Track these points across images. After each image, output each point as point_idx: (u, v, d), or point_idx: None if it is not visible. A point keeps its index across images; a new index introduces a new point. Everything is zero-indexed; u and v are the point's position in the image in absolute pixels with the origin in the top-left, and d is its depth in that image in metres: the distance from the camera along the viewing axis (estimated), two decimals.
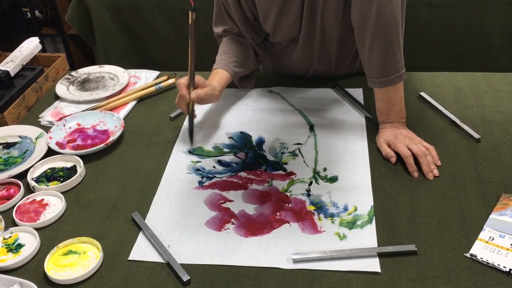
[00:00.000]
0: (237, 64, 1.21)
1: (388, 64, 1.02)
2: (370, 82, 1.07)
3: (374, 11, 0.98)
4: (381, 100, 1.07)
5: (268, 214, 0.92)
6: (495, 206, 0.89)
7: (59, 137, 1.14)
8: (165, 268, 0.83)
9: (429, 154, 1.01)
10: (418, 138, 1.04)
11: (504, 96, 1.20)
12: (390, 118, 1.07)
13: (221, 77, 1.17)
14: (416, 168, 0.98)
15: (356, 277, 0.79)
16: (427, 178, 0.97)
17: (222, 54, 1.22)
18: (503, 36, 1.99)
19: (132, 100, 1.27)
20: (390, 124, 1.07)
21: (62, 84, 1.35)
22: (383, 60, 1.02)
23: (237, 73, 1.21)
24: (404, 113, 1.08)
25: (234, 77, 1.20)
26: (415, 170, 0.98)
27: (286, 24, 1.18)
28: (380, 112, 1.09)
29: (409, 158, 0.99)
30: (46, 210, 0.95)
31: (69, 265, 0.83)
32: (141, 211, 0.94)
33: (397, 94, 1.05)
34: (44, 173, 1.05)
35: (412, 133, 1.05)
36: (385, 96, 1.06)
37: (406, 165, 0.99)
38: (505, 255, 0.80)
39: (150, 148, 1.11)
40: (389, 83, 1.04)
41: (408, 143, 1.02)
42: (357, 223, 0.88)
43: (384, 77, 1.03)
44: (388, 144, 1.04)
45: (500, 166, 0.99)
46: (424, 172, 0.98)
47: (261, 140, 1.11)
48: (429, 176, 0.97)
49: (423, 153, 0.99)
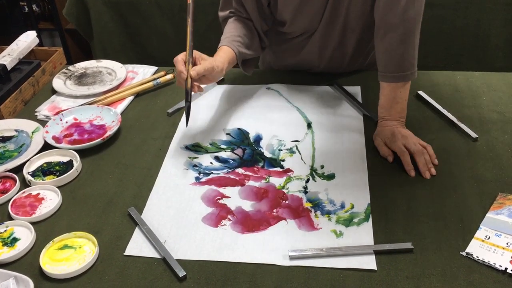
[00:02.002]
0: (242, 44, 1.16)
1: (407, 59, 1.03)
2: (383, 77, 1.07)
3: (403, 4, 0.99)
4: (387, 95, 1.07)
5: (265, 210, 0.92)
6: (491, 205, 0.89)
7: (56, 131, 1.14)
8: (161, 264, 0.82)
9: (426, 153, 1.01)
10: (415, 138, 1.04)
11: (501, 96, 1.21)
12: (391, 115, 1.07)
13: (225, 53, 1.11)
14: (412, 167, 0.99)
15: (352, 274, 0.79)
16: (424, 177, 0.97)
17: (227, 33, 1.17)
18: (501, 36, 1.99)
19: (129, 95, 1.27)
20: (389, 121, 1.07)
21: (59, 78, 1.34)
22: (402, 55, 1.03)
23: (241, 53, 1.15)
24: (405, 114, 1.08)
25: (238, 57, 1.14)
26: (411, 169, 0.98)
27: (307, 13, 1.15)
28: (382, 107, 1.09)
29: (406, 157, 0.99)
30: (42, 204, 0.95)
31: (65, 260, 0.83)
32: (138, 207, 0.93)
33: (404, 92, 1.06)
34: (40, 167, 1.04)
35: (410, 133, 1.05)
36: (392, 92, 1.06)
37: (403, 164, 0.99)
38: (501, 254, 0.80)
39: (147, 144, 1.11)
40: (403, 79, 1.04)
41: (405, 142, 1.02)
42: (353, 221, 0.88)
43: (400, 72, 1.04)
44: (385, 143, 1.04)
45: (497, 165, 0.99)
46: (420, 171, 0.98)
47: (259, 137, 1.11)
48: (425, 175, 0.97)
49: (420, 152, 1.00)
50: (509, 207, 0.88)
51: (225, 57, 1.09)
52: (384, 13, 1.02)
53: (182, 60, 1.01)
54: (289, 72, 1.34)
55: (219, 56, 1.09)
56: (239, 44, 1.15)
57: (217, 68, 1.04)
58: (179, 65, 1.00)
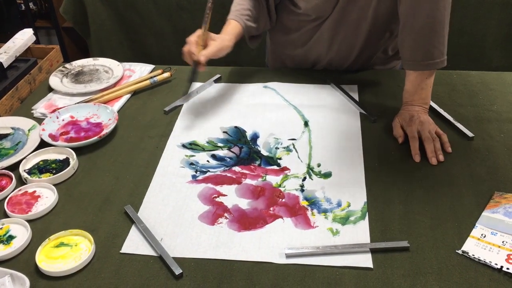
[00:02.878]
0: (250, 18, 1.20)
1: (437, 47, 1.05)
2: (411, 65, 1.08)
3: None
4: (412, 81, 1.09)
5: (262, 209, 0.92)
6: (487, 204, 0.90)
7: (52, 129, 1.14)
8: (157, 262, 0.82)
9: (438, 141, 1.02)
10: (433, 125, 1.06)
11: (497, 95, 1.21)
12: (414, 100, 1.09)
13: (233, 28, 1.17)
14: (419, 152, 1.01)
15: (348, 272, 0.79)
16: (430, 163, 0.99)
17: (237, 5, 1.22)
18: (497, 36, 2.00)
19: (126, 93, 1.27)
20: (412, 107, 1.09)
21: (55, 76, 1.34)
22: (432, 43, 1.04)
23: (248, 27, 1.20)
24: (429, 100, 1.10)
25: (245, 31, 1.20)
26: (417, 154, 1.01)
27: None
28: (406, 92, 1.11)
29: (414, 142, 1.02)
30: (38, 202, 0.94)
31: (61, 257, 0.82)
32: (134, 204, 0.93)
33: (430, 79, 1.08)
34: (36, 165, 1.04)
35: (429, 120, 1.07)
36: (418, 79, 1.08)
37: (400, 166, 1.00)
38: (497, 252, 0.80)
39: (143, 142, 1.10)
40: (433, 67, 1.06)
41: (420, 128, 1.04)
42: (350, 219, 0.89)
43: (430, 60, 1.05)
44: (401, 125, 1.07)
45: (493, 164, 0.99)
46: (427, 156, 1.00)
47: (256, 135, 1.11)
48: (431, 160, 0.99)
49: (429, 139, 1.01)
50: (504, 205, 0.88)
51: (232, 34, 1.16)
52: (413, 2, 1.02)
53: (195, 41, 1.09)
54: (286, 70, 1.34)
55: (227, 33, 1.16)
56: (248, 18, 1.19)
57: (226, 48, 1.13)
58: (192, 46, 1.08)
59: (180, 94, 1.26)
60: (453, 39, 2.01)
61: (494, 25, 1.97)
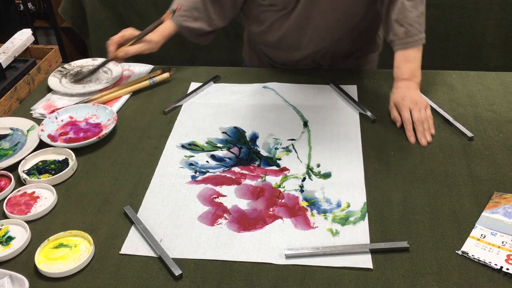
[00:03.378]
0: (189, 18, 1.25)
1: (414, 26, 1.13)
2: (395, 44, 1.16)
3: None
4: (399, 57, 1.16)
5: (261, 209, 0.91)
6: (487, 204, 0.90)
7: (51, 129, 1.13)
8: (157, 263, 0.82)
9: (427, 121, 1.09)
10: (424, 103, 1.11)
11: (496, 95, 1.21)
12: (403, 73, 1.14)
13: (165, 28, 1.25)
14: (413, 134, 1.08)
15: (348, 273, 0.79)
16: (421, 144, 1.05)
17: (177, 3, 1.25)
18: (496, 36, 2.00)
19: (125, 94, 1.27)
20: (403, 82, 1.14)
21: (54, 76, 1.34)
22: (409, 22, 1.13)
23: (186, 28, 1.26)
24: (419, 75, 1.16)
25: (184, 32, 1.27)
26: (412, 136, 1.07)
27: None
28: (395, 67, 1.17)
29: (408, 124, 1.08)
30: (37, 203, 0.94)
31: (60, 258, 0.82)
32: (134, 205, 0.93)
33: (415, 53, 1.15)
34: (35, 165, 1.04)
35: (421, 97, 1.13)
36: (405, 52, 1.15)
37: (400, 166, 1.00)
38: (497, 253, 0.80)
39: (143, 142, 1.10)
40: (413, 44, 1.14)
41: (412, 107, 1.09)
42: (350, 220, 0.88)
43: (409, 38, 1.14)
44: (396, 107, 1.12)
45: (492, 164, 0.99)
46: (418, 137, 1.07)
47: (255, 136, 1.11)
48: (422, 141, 1.06)
49: (420, 121, 1.08)
50: (504, 206, 0.88)
51: (162, 35, 1.25)
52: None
53: (116, 43, 1.22)
54: (285, 71, 1.34)
55: (158, 35, 1.24)
56: (185, 18, 1.25)
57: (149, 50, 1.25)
58: (112, 46, 1.22)
59: (179, 94, 1.26)
60: (452, 39, 2.03)
61: (493, 25, 1.97)
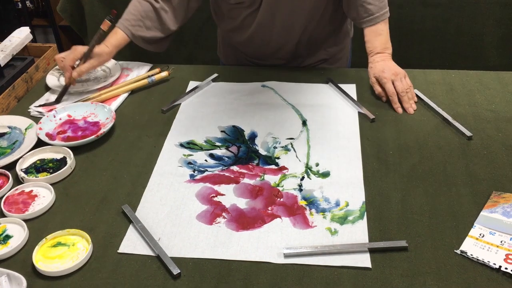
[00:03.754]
0: (141, 27, 1.25)
1: (373, 4, 1.20)
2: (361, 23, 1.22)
3: None
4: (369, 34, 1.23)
5: (260, 208, 0.91)
6: (485, 204, 0.90)
7: (49, 128, 1.13)
8: (155, 261, 0.82)
9: (410, 90, 1.16)
10: (403, 73, 1.19)
11: (495, 94, 1.21)
12: (376, 46, 1.22)
13: (117, 39, 1.24)
14: (399, 105, 1.15)
15: (347, 272, 0.79)
16: (408, 113, 1.14)
17: (128, 13, 1.25)
18: (495, 35, 2.00)
19: (124, 92, 1.26)
20: (377, 55, 1.21)
21: (53, 75, 1.33)
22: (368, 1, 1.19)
23: (139, 37, 1.26)
24: (390, 46, 1.23)
25: (138, 41, 1.26)
26: (398, 107, 1.15)
27: None
28: (367, 42, 1.24)
29: (394, 97, 1.16)
30: (35, 201, 0.94)
31: (58, 257, 0.82)
32: (132, 204, 0.93)
33: (383, 26, 1.22)
34: (33, 164, 1.03)
35: (397, 67, 1.20)
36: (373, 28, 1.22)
37: (398, 165, 1.00)
38: (495, 252, 0.80)
39: (141, 141, 1.10)
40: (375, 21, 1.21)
41: (394, 79, 1.16)
42: (348, 219, 0.88)
43: (371, 16, 1.20)
44: (378, 81, 1.18)
45: (491, 164, 0.99)
46: (404, 107, 1.15)
47: (254, 135, 1.10)
48: (409, 110, 1.14)
49: (404, 91, 1.15)
50: (503, 205, 0.88)
51: (114, 45, 1.24)
52: None
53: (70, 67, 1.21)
54: (284, 69, 1.34)
55: (109, 45, 1.23)
56: (138, 28, 1.24)
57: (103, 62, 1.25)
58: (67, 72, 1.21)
59: (178, 93, 1.26)
60: (451, 39, 2.03)
61: (492, 24, 1.97)
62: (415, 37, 2.04)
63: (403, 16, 1.97)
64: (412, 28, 2.01)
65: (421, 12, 1.98)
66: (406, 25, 1.98)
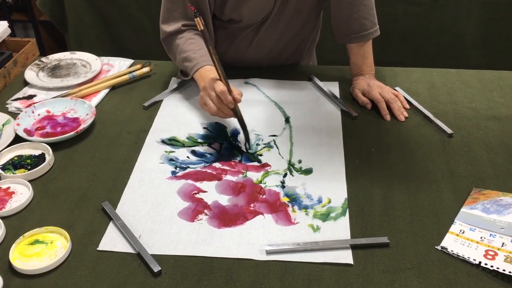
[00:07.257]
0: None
1: (368, 19, 1.18)
2: (350, 39, 1.20)
3: None
4: (356, 54, 1.22)
5: (242, 205, 0.91)
6: (466, 200, 0.90)
7: (28, 124, 1.11)
8: (135, 259, 0.81)
9: (398, 100, 1.15)
10: (387, 87, 1.18)
11: (476, 92, 1.22)
12: (363, 70, 1.22)
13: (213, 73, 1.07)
14: (388, 112, 1.13)
15: (329, 268, 0.79)
16: (398, 120, 1.12)
17: (200, 50, 1.13)
18: (476, 35, 2.03)
19: (104, 88, 1.24)
20: (362, 76, 1.22)
21: (31, 70, 1.31)
22: (364, 16, 1.17)
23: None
24: (373, 67, 1.23)
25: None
26: (387, 114, 1.13)
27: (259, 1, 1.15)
28: (354, 65, 1.23)
29: (382, 103, 1.14)
30: (12, 198, 0.92)
31: (36, 255, 0.80)
32: (112, 201, 0.91)
33: (369, 47, 1.22)
34: (11, 160, 1.01)
35: (382, 83, 1.20)
36: (360, 50, 1.21)
37: (381, 162, 1.00)
38: (475, 248, 0.81)
39: (122, 137, 1.09)
40: (368, 36, 1.19)
41: (380, 91, 1.17)
42: (330, 215, 0.88)
43: (365, 31, 1.18)
44: (363, 93, 1.18)
45: (471, 161, 1.00)
46: (395, 114, 1.13)
47: (236, 131, 1.10)
48: (400, 118, 1.12)
49: (394, 99, 1.15)
50: (483, 202, 0.89)
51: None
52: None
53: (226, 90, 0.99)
54: (267, 66, 1.34)
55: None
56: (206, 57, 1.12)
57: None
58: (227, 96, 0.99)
59: (159, 89, 1.25)
60: (433, 38, 2.05)
61: (473, 24, 1.99)
62: (397, 35, 2.05)
63: (385, 15, 1.98)
64: (394, 26, 2.03)
65: (404, 11, 2.00)
66: (388, 24, 1.99)
